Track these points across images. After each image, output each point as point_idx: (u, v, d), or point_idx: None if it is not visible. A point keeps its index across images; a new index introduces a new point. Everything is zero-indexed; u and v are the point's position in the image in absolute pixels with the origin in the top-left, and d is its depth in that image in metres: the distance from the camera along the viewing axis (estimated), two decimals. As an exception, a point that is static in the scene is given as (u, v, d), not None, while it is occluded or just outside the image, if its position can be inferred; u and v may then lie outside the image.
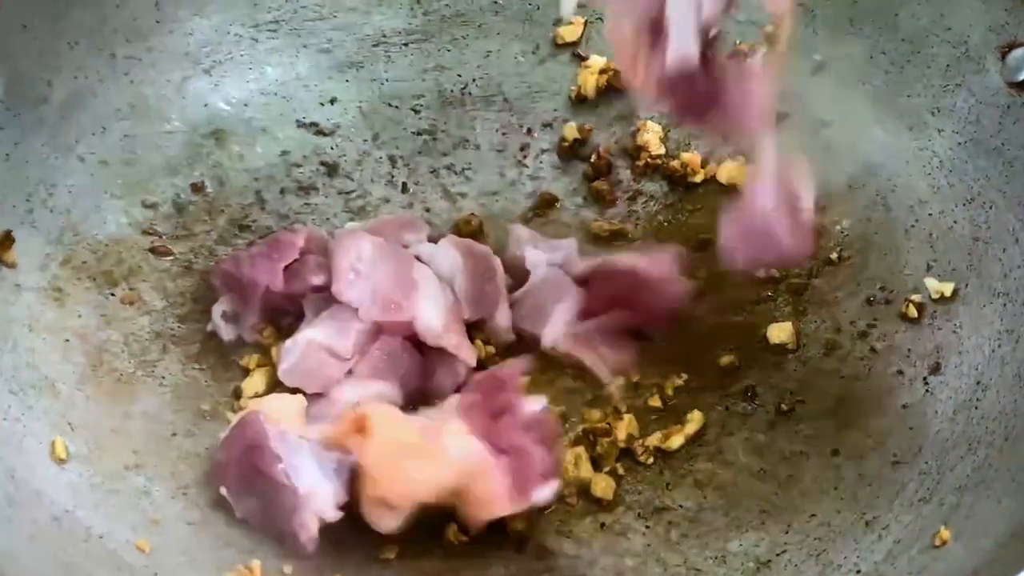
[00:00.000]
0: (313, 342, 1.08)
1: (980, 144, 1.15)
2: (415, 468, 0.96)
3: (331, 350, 1.08)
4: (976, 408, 1.03)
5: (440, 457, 0.96)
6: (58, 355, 1.09)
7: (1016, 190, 1.11)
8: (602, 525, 1.05)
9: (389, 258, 1.12)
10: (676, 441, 1.10)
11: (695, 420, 1.11)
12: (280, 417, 1.02)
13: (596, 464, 1.08)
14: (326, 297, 1.12)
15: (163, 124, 1.25)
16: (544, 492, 0.99)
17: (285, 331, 1.15)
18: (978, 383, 1.05)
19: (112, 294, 1.16)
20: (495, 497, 0.97)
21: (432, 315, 1.10)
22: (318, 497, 0.99)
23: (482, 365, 1.12)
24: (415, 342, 1.11)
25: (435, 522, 1.02)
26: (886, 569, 0.94)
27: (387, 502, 0.96)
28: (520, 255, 1.17)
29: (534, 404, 1.02)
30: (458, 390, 1.09)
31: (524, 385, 1.04)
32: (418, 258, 1.15)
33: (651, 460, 1.09)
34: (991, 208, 1.13)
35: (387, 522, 0.99)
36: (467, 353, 1.11)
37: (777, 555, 1.00)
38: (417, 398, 1.12)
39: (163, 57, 1.25)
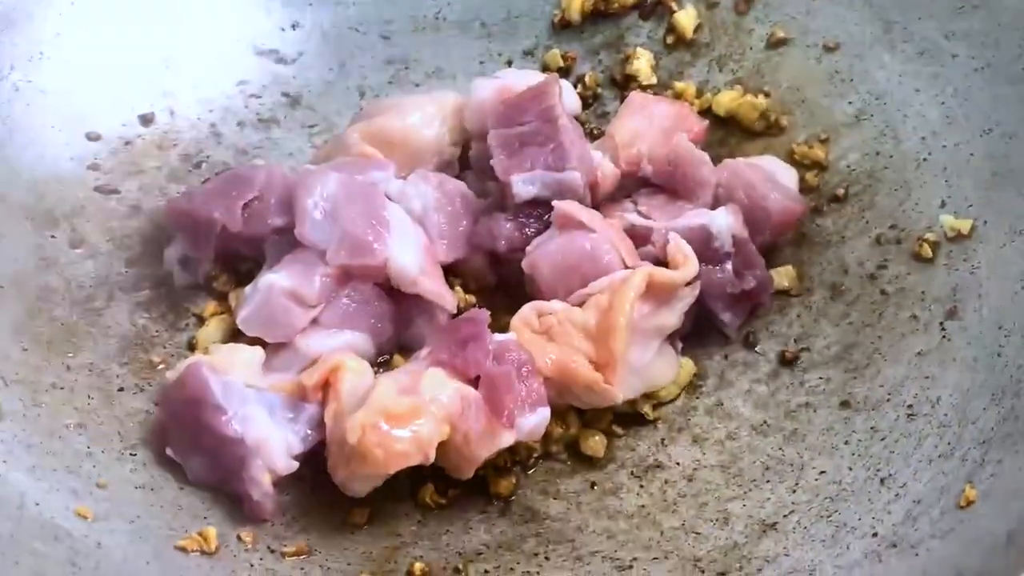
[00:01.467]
0: (275, 287, 0.98)
1: (999, 70, 1.06)
2: (400, 436, 0.86)
3: (295, 295, 0.98)
4: (999, 355, 0.95)
5: (423, 413, 0.87)
6: (-10, 302, 0.99)
7: (1039, 119, 1.03)
8: (592, 484, 0.97)
9: (358, 197, 1.02)
10: (670, 392, 1.01)
11: (686, 368, 1.03)
12: (231, 368, 0.93)
13: (587, 422, 0.99)
14: (289, 240, 1.02)
15: (108, 50, 1.14)
16: (532, 419, 0.91)
17: (243, 277, 1.05)
18: (1000, 327, 0.97)
19: (53, 236, 1.05)
20: (480, 434, 0.89)
21: (406, 258, 1.00)
22: (270, 447, 0.91)
23: (460, 313, 1.03)
24: (388, 288, 1.01)
25: (410, 480, 0.94)
26: (906, 531, 0.86)
27: (372, 473, 0.87)
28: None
29: (503, 336, 0.94)
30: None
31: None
32: (387, 196, 1.05)
33: (650, 413, 1.00)
34: (1011, 139, 1.04)
35: (360, 486, 0.90)
36: (446, 299, 1.02)
37: (784, 516, 0.92)
38: (392, 349, 1.03)
39: (108, -25, 1.14)
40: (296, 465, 0.92)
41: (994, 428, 0.90)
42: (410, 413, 0.88)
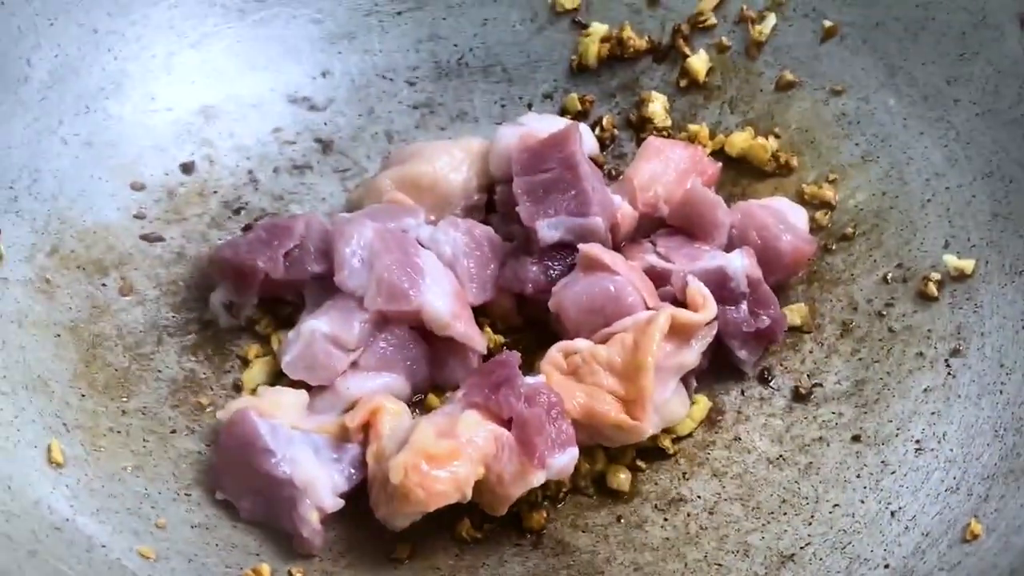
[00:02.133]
0: (317, 332, 1.04)
1: (998, 115, 1.12)
2: (440, 477, 0.92)
3: (336, 340, 1.04)
4: (1001, 392, 1.01)
5: (461, 455, 0.93)
6: (49, 352, 1.04)
7: (1037, 164, 1.08)
8: (619, 518, 1.02)
9: (392, 244, 1.08)
10: (686, 427, 1.07)
11: (700, 404, 1.08)
12: (277, 411, 0.99)
13: (613, 457, 1.05)
14: (327, 286, 1.08)
15: (149, 102, 1.20)
16: (561, 460, 0.96)
17: (284, 321, 1.11)
18: (1002, 366, 1.02)
19: (104, 284, 1.11)
20: (512, 475, 0.95)
21: (439, 303, 1.06)
22: (316, 487, 0.96)
23: (491, 354, 1.08)
24: (422, 331, 1.07)
25: (448, 516, 0.99)
26: (915, 564, 0.92)
27: (413, 511, 0.93)
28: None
29: (533, 379, 1.00)
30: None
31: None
32: (419, 242, 1.11)
33: (670, 447, 1.05)
34: (1011, 182, 1.10)
35: (400, 522, 0.96)
36: (476, 341, 1.08)
37: (801, 548, 0.97)
38: (426, 388, 1.08)
39: (147, 31, 1.20)
40: (342, 503, 0.97)
41: (997, 464, 0.96)
42: (448, 455, 0.93)
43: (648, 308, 1.05)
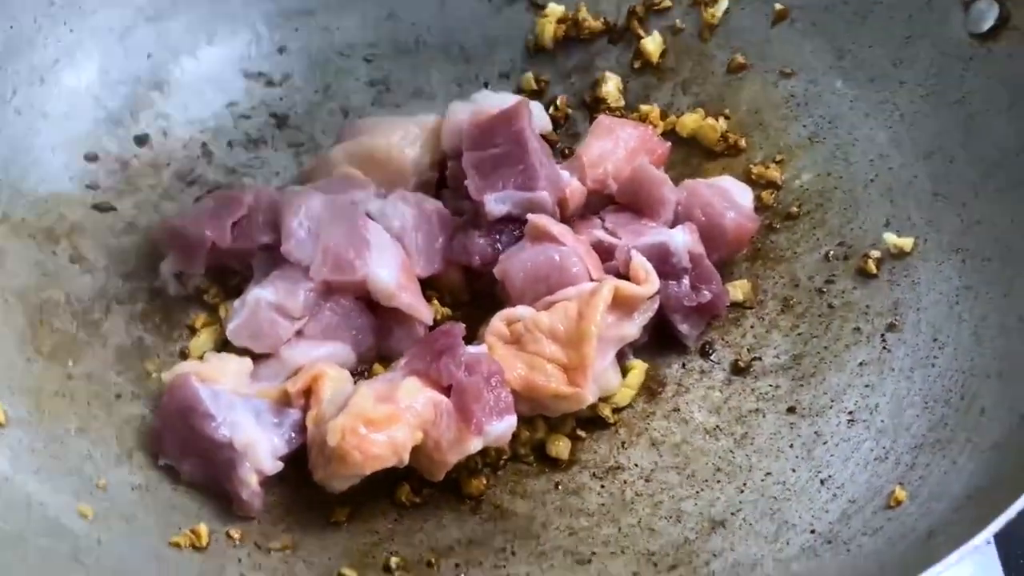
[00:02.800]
0: (262, 301, 1.05)
1: (942, 96, 1.14)
2: (377, 440, 0.94)
3: (281, 309, 1.06)
4: (933, 366, 1.03)
5: (399, 419, 0.94)
6: (-3, 316, 1.06)
7: (977, 144, 1.10)
8: (557, 484, 1.04)
9: (339, 216, 1.09)
10: (625, 395, 1.08)
11: (637, 370, 1.10)
12: (219, 377, 1.00)
13: (553, 426, 1.06)
14: (275, 256, 1.09)
15: (104, 75, 1.21)
16: (499, 427, 0.97)
17: (232, 291, 1.12)
18: (935, 340, 1.04)
19: (54, 252, 1.12)
20: (450, 441, 0.96)
21: (385, 274, 1.07)
22: (256, 450, 0.98)
23: (437, 326, 1.10)
24: (368, 301, 1.09)
25: (387, 480, 1.00)
26: (840, 529, 0.94)
27: (350, 473, 0.94)
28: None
29: (475, 348, 1.01)
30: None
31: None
32: (368, 215, 1.12)
33: (610, 416, 1.07)
34: (951, 162, 1.12)
35: (338, 484, 0.97)
36: (422, 312, 1.09)
37: (732, 514, 0.99)
38: (372, 358, 1.10)
39: (104, 5, 1.20)
40: (281, 466, 0.99)
41: (925, 434, 0.98)
42: (386, 419, 0.95)
43: (592, 280, 1.07)
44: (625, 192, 1.16)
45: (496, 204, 1.11)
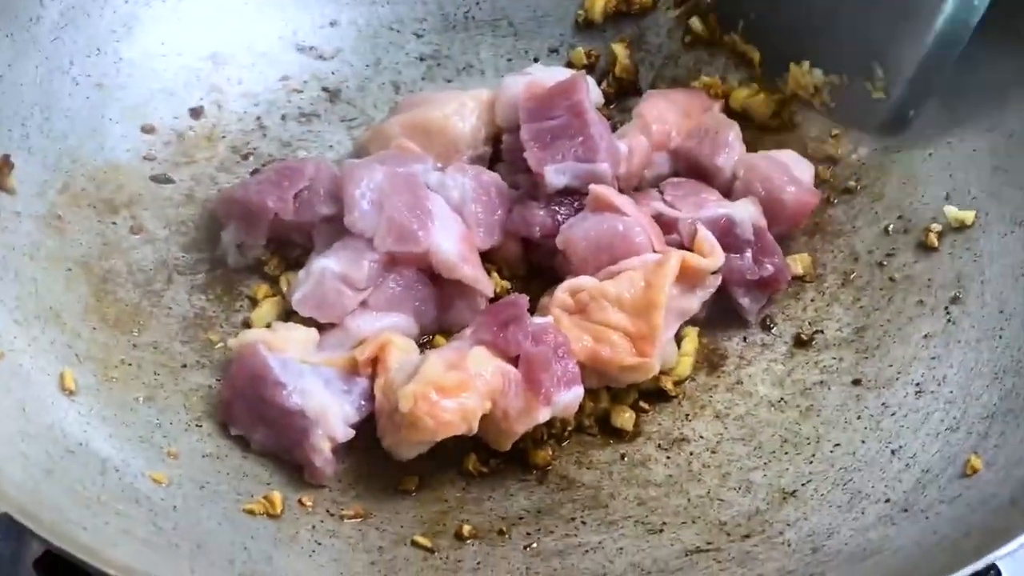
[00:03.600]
0: (328, 270, 1.05)
1: (1004, 71, 1.13)
2: (448, 407, 0.94)
3: (346, 279, 1.05)
4: (1000, 337, 1.03)
5: (470, 387, 0.94)
6: (61, 285, 1.05)
7: (1037, 118, 1.10)
8: (622, 456, 1.04)
9: (402, 187, 1.09)
10: (685, 365, 1.08)
11: (691, 336, 1.09)
12: (287, 346, 1.00)
13: (616, 397, 1.06)
14: (337, 228, 1.08)
15: (159, 46, 1.21)
16: (566, 397, 0.97)
17: (292, 263, 1.12)
18: (1001, 312, 1.04)
19: (114, 223, 1.12)
20: (518, 410, 0.96)
21: (447, 246, 1.07)
22: (328, 418, 0.97)
23: (497, 298, 1.10)
24: (430, 273, 1.08)
25: (455, 450, 1.00)
26: (916, 498, 0.94)
27: (421, 439, 0.94)
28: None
29: (541, 319, 1.01)
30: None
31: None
32: (428, 187, 1.12)
33: (672, 389, 1.07)
34: (1011, 136, 1.12)
35: (407, 451, 0.97)
36: (484, 284, 1.09)
37: (803, 485, 0.99)
38: (434, 329, 1.10)
39: (159, -24, 1.21)
40: (352, 433, 0.98)
41: (996, 404, 0.98)
42: (457, 386, 0.95)
43: (655, 251, 1.07)
44: (689, 146, 1.16)
45: (556, 175, 1.10)
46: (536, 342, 0.98)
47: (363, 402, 1.00)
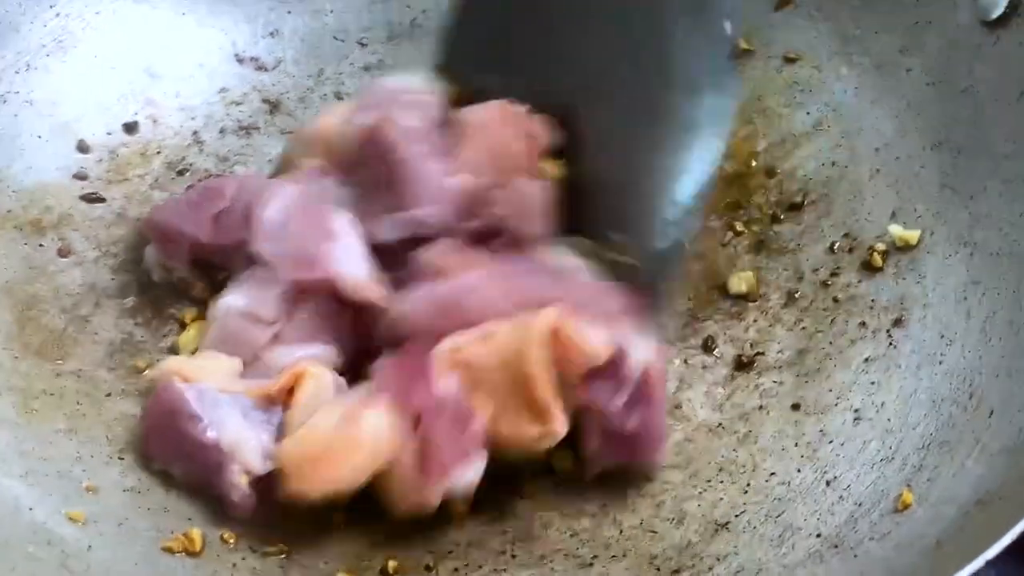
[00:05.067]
0: (232, 309, 1.00)
1: (950, 85, 1.11)
2: (330, 464, 0.91)
3: (252, 315, 1.00)
4: (940, 363, 1.01)
5: (357, 447, 0.90)
6: (-18, 312, 1.03)
7: (985, 135, 1.07)
8: (557, 484, 1.02)
9: (304, 207, 1.02)
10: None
11: None
12: (205, 376, 0.97)
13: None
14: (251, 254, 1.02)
15: (92, 60, 1.18)
16: (465, 476, 0.92)
17: (220, 285, 1.08)
18: (942, 336, 1.02)
19: (41, 244, 1.09)
20: (407, 487, 0.92)
21: (351, 267, 1.00)
22: (244, 449, 0.94)
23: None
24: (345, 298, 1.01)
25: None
26: (847, 533, 0.92)
27: (305, 495, 0.92)
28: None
29: (448, 382, 0.93)
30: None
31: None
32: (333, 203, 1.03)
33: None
34: (959, 153, 1.09)
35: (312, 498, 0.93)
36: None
37: (736, 516, 0.97)
38: (360, 354, 1.05)
39: (91, -13, 1.18)
40: (271, 465, 0.95)
41: (933, 434, 0.96)
42: (343, 448, 0.90)
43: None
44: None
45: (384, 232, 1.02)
46: (439, 411, 0.91)
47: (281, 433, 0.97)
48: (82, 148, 1.16)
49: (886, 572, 0.86)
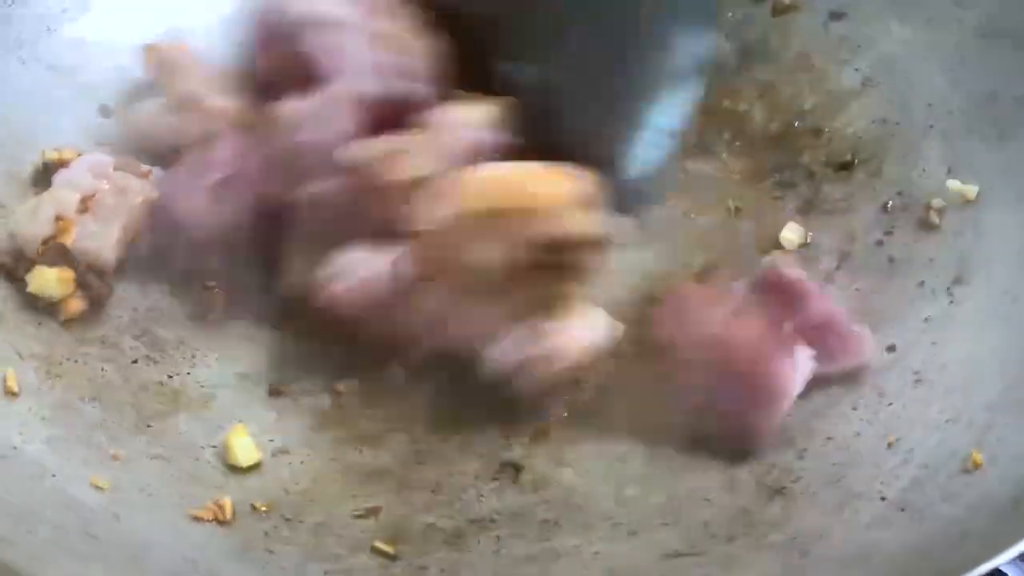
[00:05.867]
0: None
1: (1004, 35, 1.07)
2: None
3: None
4: (1006, 320, 0.95)
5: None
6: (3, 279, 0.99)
7: (1044, 84, 1.03)
8: (600, 451, 0.97)
9: None
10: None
11: None
12: None
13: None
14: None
15: (113, 24, 1.15)
16: None
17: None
18: (1006, 293, 0.97)
19: (63, 210, 1.06)
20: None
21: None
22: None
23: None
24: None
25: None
26: (914, 497, 0.87)
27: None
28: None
29: None
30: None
31: None
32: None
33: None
34: (1017, 104, 1.04)
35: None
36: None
37: (792, 482, 0.92)
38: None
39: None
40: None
41: (1000, 394, 0.91)
42: None
43: None
44: None
45: None
46: None
47: None
48: (105, 114, 1.12)
49: (960, 533, 0.80)
